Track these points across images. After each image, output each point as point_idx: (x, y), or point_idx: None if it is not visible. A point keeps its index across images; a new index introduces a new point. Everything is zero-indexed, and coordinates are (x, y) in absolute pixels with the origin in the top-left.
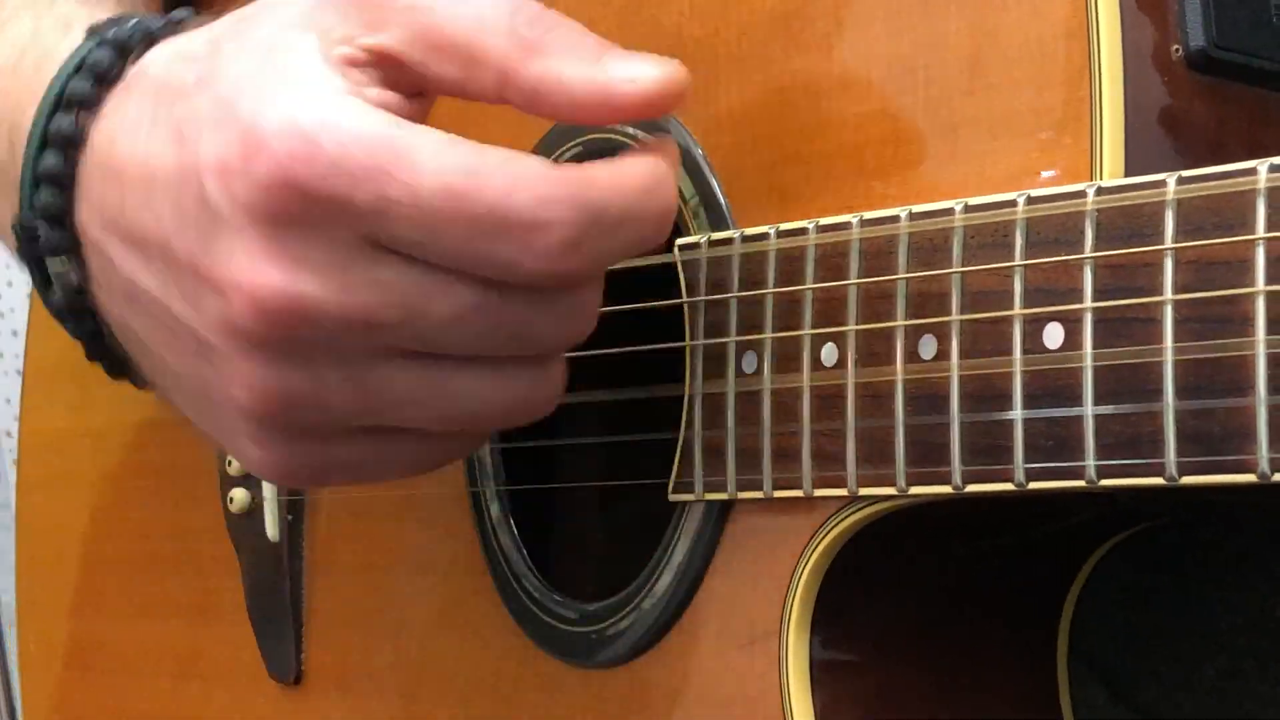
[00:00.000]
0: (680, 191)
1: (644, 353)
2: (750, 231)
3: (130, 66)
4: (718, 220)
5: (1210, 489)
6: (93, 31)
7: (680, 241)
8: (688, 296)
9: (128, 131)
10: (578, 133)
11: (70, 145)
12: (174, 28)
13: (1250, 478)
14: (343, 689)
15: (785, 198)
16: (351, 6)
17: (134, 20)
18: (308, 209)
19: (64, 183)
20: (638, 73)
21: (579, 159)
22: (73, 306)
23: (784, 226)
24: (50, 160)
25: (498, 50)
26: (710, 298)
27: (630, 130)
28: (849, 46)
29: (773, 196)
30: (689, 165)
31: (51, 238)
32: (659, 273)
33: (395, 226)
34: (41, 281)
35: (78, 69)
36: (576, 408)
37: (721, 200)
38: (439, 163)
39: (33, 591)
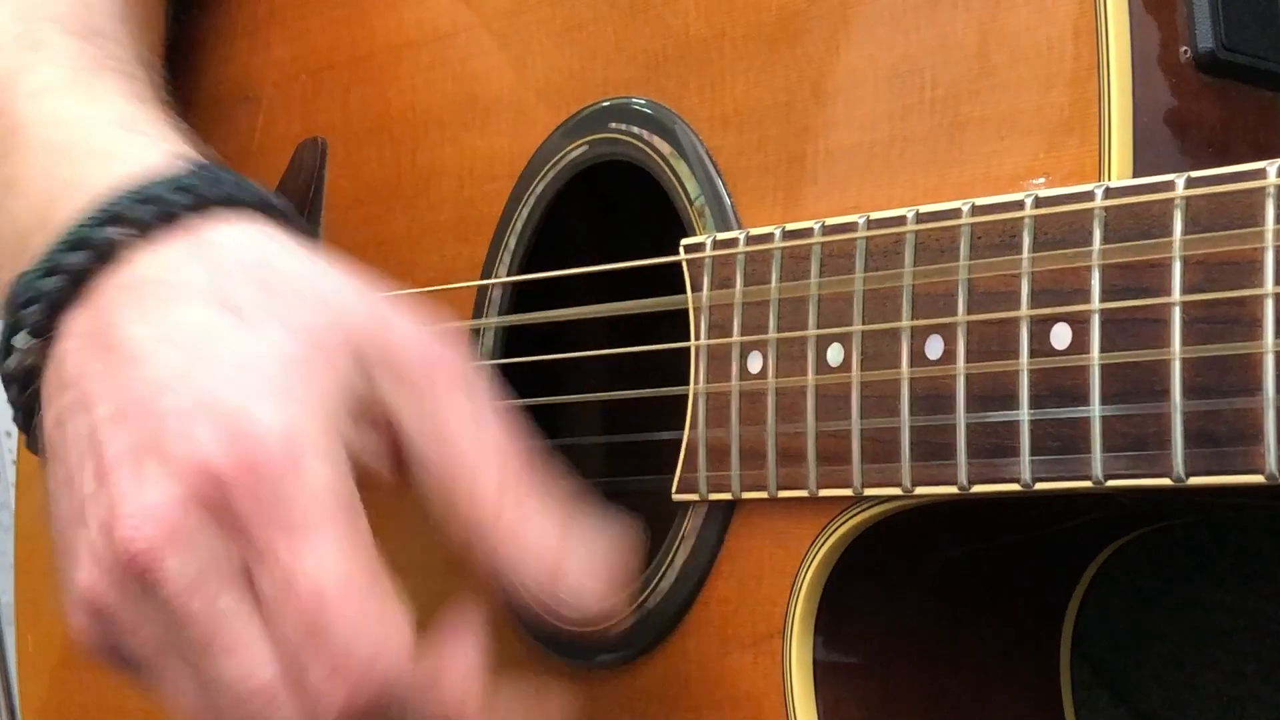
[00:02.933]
0: (686, 191)
1: (648, 352)
2: (755, 231)
3: (199, 222)
4: (723, 220)
5: (1217, 490)
6: (172, 164)
7: (685, 241)
8: (692, 296)
9: (159, 293)
10: (584, 131)
11: (101, 255)
12: (259, 207)
13: (1258, 478)
14: None
15: (791, 198)
16: (384, 364)
17: (211, 172)
18: (221, 511)
19: (75, 284)
20: (586, 587)
21: (584, 157)
22: (19, 378)
23: (790, 227)
24: (76, 259)
25: (487, 502)
26: (715, 296)
27: (635, 130)
28: (855, 46)
29: (778, 196)
30: (695, 164)
31: (36, 318)
32: (664, 272)
33: (262, 576)
34: (5, 342)
35: (143, 199)
36: (581, 407)
37: (727, 200)
38: (330, 567)
39: (32, 591)
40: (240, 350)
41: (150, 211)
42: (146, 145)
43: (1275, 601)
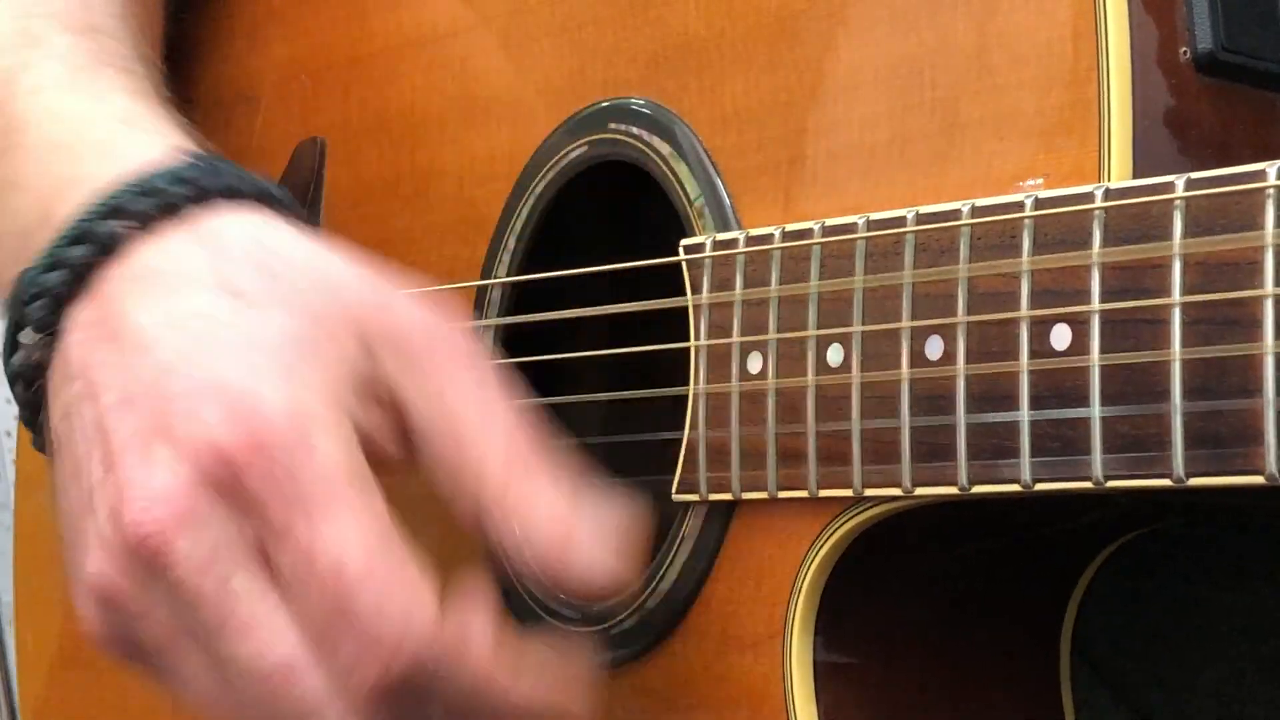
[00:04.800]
0: (685, 191)
1: (648, 353)
2: (755, 232)
3: (198, 212)
4: (722, 220)
5: (1217, 491)
6: (172, 156)
7: (685, 242)
8: (692, 297)
9: (163, 282)
10: (584, 131)
11: (104, 248)
12: (258, 197)
13: (1258, 479)
14: None
15: (790, 198)
16: (387, 342)
17: (211, 163)
18: (232, 492)
19: (78, 278)
20: (596, 557)
21: (583, 157)
22: (25, 375)
23: (790, 227)
24: (78, 252)
25: (495, 475)
26: (714, 297)
27: (635, 130)
28: (855, 47)
29: (778, 197)
30: (694, 164)
31: (40, 314)
32: (664, 273)
33: (280, 558)
34: (11, 340)
35: (144, 191)
36: (580, 407)
37: (726, 200)
38: (351, 540)
39: (32, 590)
40: (244, 332)
41: (151, 204)
42: (147, 140)
43: (1275, 602)
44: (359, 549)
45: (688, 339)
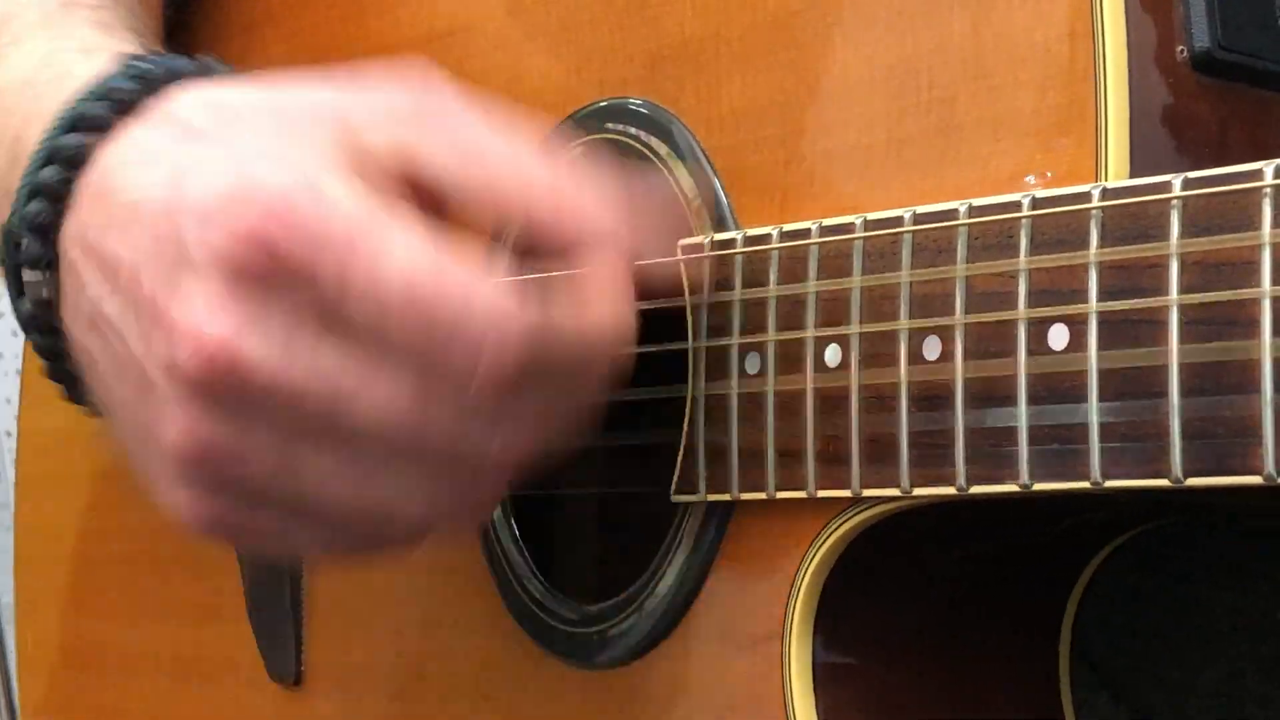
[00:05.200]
0: (683, 192)
1: (646, 354)
2: (753, 232)
3: (152, 101)
4: (720, 221)
5: (1215, 491)
6: (121, 60)
7: (683, 242)
8: (690, 297)
9: (130, 162)
10: (581, 131)
11: (72, 163)
12: (203, 72)
13: (1256, 479)
14: (343, 689)
15: (788, 198)
16: (374, 121)
17: (164, 58)
18: (272, 270)
19: (57, 197)
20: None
21: (581, 157)
22: (39, 320)
23: (787, 227)
24: (49, 174)
25: (543, 192)
26: (713, 297)
27: (633, 130)
28: (852, 47)
29: (776, 197)
30: (692, 164)
31: (32, 248)
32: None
33: (351, 309)
34: (15, 290)
35: (98, 96)
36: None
37: (724, 200)
38: (409, 256)
39: (32, 591)
40: (220, 150)
41: (105, 106)
42: (100, 59)
43: (1275, 601)
44: (421, 263)
45: (685, 340)
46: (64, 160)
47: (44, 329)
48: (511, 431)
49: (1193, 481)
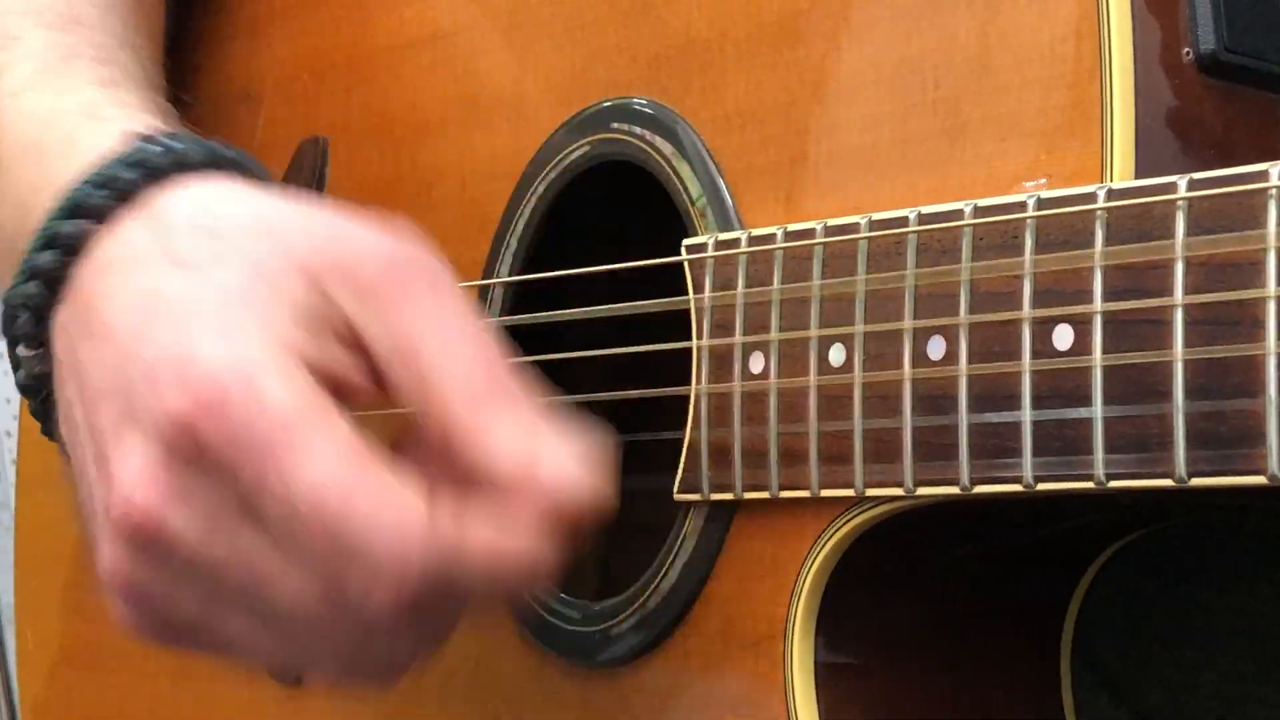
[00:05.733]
0: (688, 191)
1: (650, 353)
2: (757, 232)
3: (154, 190)
4: (725, 220)
5: (1218, 491)
6: (128, 140)
7: (687, 242)
8: (694, 296)
9: (117, 267)
10: (586, 131)
11: (70, 250)
12: (210, 161)
13: (1260, 480)
14: (343, 689)
15: (793, 198)
16: (341, 280)
17: (172, 141)
18: (199, 457)
19: (53, 281)
20: (566, 474)
21: (585, 157)
22: (34, 388)
23: (792, 227)
24: (47, 259)
25: (457, 403)
26: (717, 297)
27: (637, 130)
28: (857, 47)
29: (780, 196)
30: (696, 164)
31: (27, 327)
32: (666, 273)
33: (266, 508)
34: (14, 362)
35: (98, 183)
36: (582, 407)
37: (729, 200)
38: (323, 470)
39: (32, 590)
40: (187, 300)
41: (105, 195)
42: (106, 130)
43: (1275, 602)
44: (333, 480)
45: (689, 339)
46: (62, 246)
47: (37, 395)
48: (415, 639)
49: (1196, 482)
